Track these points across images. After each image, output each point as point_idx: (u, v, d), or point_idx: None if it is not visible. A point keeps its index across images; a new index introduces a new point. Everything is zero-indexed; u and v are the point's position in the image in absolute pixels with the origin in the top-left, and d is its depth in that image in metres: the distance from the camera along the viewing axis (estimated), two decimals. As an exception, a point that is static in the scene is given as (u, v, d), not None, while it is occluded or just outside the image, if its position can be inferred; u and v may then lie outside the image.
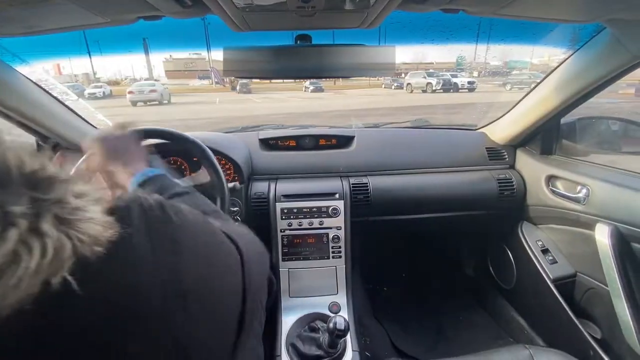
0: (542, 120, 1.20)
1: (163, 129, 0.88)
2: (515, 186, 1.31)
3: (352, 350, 1.01)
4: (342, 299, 1.18)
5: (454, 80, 13.02)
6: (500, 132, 1.40)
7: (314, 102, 12.70)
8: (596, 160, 1.18)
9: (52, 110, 1.12)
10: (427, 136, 1.51)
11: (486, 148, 1.40)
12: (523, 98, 1.25)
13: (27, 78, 1.03)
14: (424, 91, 13.18)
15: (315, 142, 1.40)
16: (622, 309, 0.95)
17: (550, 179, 1.22)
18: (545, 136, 1.29)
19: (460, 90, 13.01)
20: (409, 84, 13.94)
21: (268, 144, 1.38)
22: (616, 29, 0.83)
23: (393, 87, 15.36)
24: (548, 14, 0.76)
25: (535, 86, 1.19)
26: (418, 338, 1.46)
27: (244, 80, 15.95)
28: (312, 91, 15.08)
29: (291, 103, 12.81)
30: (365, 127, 1.67)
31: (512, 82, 12.94)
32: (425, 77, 13.08)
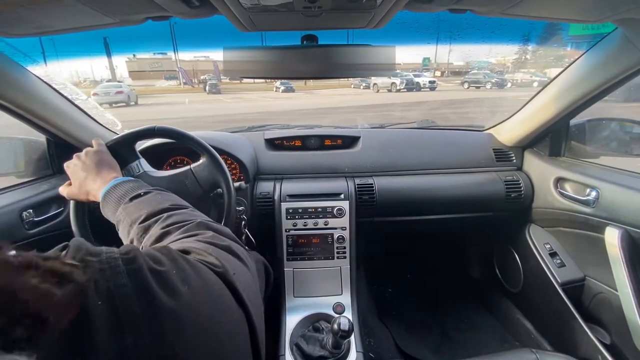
0: (551, 121, 1.19)
1: (170, 128, 0.88)
2: (522, 188, 1.30)
3: (356, 351, 1.01)
4: (346, 299, 1.18)
5: (417, 79, 13.99)
6: (508, 133, 1.39)
7: (285, 102, 13.13)
8: (606, 163, 1.16)
9: (62, 110, 1.13)
10: (433, 137, 1.50)
11: (493, 149, 1.39)
12: (531, 99, 1.24)
13: (38, 77, 1.04)
14: (389, 90, 14.12)
15: (321, 142, 1.40)
16: (633, 314, 0.93)
17: (559, 181, 1.20)
18: (554, 137, 1.28)
19: (422, 89, 14.05)
20: (375, 84, 14.77)
21: (274, 143, 1.39)
22: (627, 28, 0.81)
23: (361, 87, 16.17)
24: (557, 13, 0.75)
25: (544, 87, 1.18)
26: (422, 340, 1.45)
27: (213, 81, 16.10)
28: (283, 91, 15.54)
29: (262, 103, 13.14)
30: (371, 128, 1.66)
31: (469, 81, 15.02)
32: (390, 77, 13.58)
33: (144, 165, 0.87)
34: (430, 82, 14.37)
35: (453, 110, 8.63)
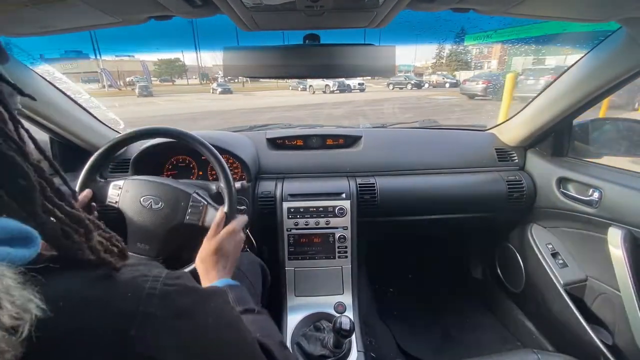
0: (554, 121, 1.18)
1: (171, 129, 0.89)
2: (525, 188, 1.29)
3: (357, 351, 1.01)
4: (347, 299, 1.18)
5: (347, 82, 15.31)
6: (510, 133, 1.38)
7: (222, 103, 13.80)
8: (609, 163, 1.15)
9: (65, 109, 1.14)
10: (435, 137, 1.49)
11: (495, 149, 1.38)
12: (534, 98, 1.23)
13: (41, 77, 1.05)
14: (324, 92, 15.49)
15: (323, 141, 1.40)
16: (635, 314, 0.93)
17: (562, 181, 1.20)
18: (557, 137, 1.27)
19: (352, 91, 15.73)
20: (310, 85, 16.24)
21: (275, 143, 1.39)
22: (632, 28, 0.81)
23: (299, 88, 17.55)
24: (561, 13, 0.75)
25: (548, 86, 1.17)
26: (424, 339, 1.45)
27: (143, 83, 16.00)
28: (221, 92, 16.33)
29: (198, 103, 13.70)
30: (373, 127, 1.66)
31: (394, 82, 17.29)
32: (323, 80, 14.59)
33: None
34: (359, 84, 16.18)
35: (371, 108, 10.67)
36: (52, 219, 0.32)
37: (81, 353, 0.26)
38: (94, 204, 0.85)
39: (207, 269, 0.71)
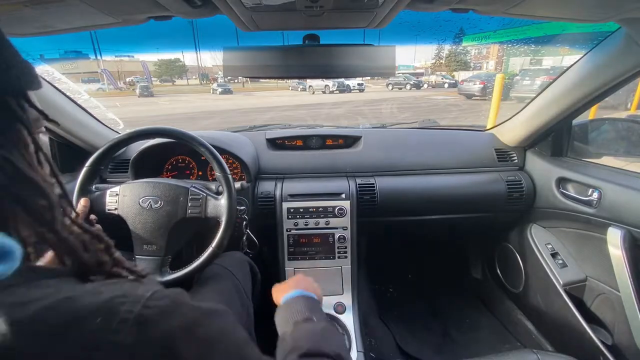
0: (554, 121, 1.18)
1: (171, 129, 0.89)
2: (524, 188, 1.29)
3: (357, 351, 1.01)
4: (347, 299, 1.18)
5: (347, 82, 15.59)
6: (510, 133, 1.38)
7: (223, 102, 14.01)
8: (609, 163, 1.15)
9: (64, 109, 1.14)
10: (435, 137, 1.49)
11: (495, 149, 1.38)
12: (534, 99, 1.23)
13: (41, 77, 1.05)
14: (324, 92, 15.72)
15: (322, 142, 1.40)
16: (635, 314, 0.93)
17: (561, 181, 1.20)
18: (557, 137, 1.27)
19: (352, 91, 15.88)
20: (310, 86, 16.45)
21: (275, 143, 1.39)
22: (631, 28, 0.81)
23: (299, 89, 17.75)
24: (560, 13, 0.75)
25: (547, 87, 1.17)
26: (424, 340, 1.45)
27: (144, 83, 15.96)
28: (221, 93, 16.50)
29: (200, 103, 13.90)
30: (373, 128, 1.66)
31: (392, 82, 17.51)
32: (323, 80, 14.82)
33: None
34: (358, 84, 16.29)
35: (370, 107, 10.88)
36: (70, 234, 0.34)
37: None
38: (92, 216, 0.86)
39: (283, 288, 0.72)
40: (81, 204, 0.84)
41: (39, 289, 0.27)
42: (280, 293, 0.70)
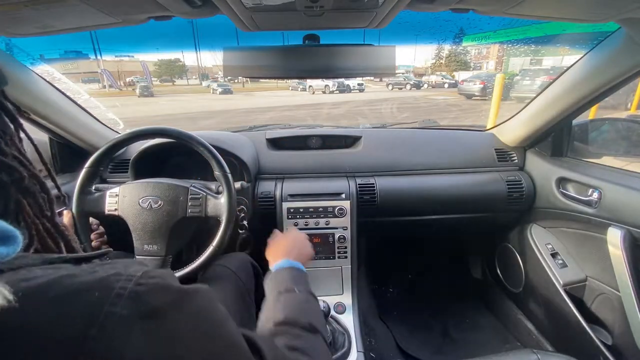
0: (554, 121, 1.18)
1: (170, 128, 0.89)
2: (524, 188, 1.29)
3: (357, 351, 1.01)
4: (347, 299, 1.18)
5: (347, 82, 15.66)
6: (510, 133, 1.38)
7: (224, 102, 14.12)
8: (609, 163, 1.15)
9: (64, 109, 1.14)
10: (435, 137, 1.49)
11: (495, 149, 1.38)
12: (534, 99, 1.23)
13: (41, 77, 1.05)
14: (324, 92, 15.83)
15: (322, 142, 1.40)
16: (635, 314, 0.93)
17: (561, 181, 1.20)
18: (557, 137, 1.27)
19: (352, 91, 15.96)
20: (310, 86, 16.54)
21: (275, 143, 1.39)
22: (631, 28, 0.81)
23: (299, 89, 17.83)
24: (560, 13, 0.75)
25: (547, 87, 1.17)
26: (423, 340, 1.45)
27: (144, 83, 15.91)
28: (221, 93, 16.55)
29: (201, 103, 13.98)
30: (373, 128, 1.66)
31: (393, 83, 17.68)
32: (323, 80, 14.84)
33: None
34: (358, 84, 16.37)
35: (370, 107, 11.03)
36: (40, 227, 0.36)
37: (30, 349, 0.25)
38: (93, 219, 0.87)
39: (277, 250, 0.80)
40: (67, 217, 0.87)
41: (41, 269, 0.30)
42: (273, 259, 0.78)
